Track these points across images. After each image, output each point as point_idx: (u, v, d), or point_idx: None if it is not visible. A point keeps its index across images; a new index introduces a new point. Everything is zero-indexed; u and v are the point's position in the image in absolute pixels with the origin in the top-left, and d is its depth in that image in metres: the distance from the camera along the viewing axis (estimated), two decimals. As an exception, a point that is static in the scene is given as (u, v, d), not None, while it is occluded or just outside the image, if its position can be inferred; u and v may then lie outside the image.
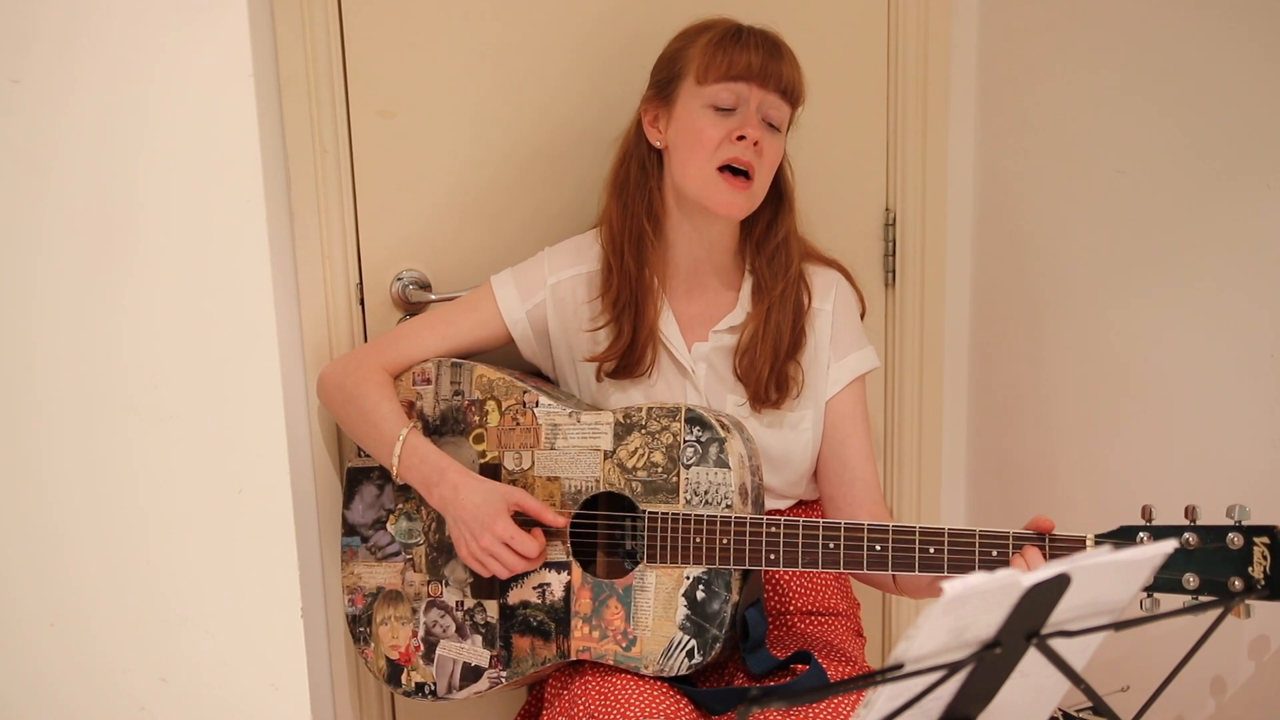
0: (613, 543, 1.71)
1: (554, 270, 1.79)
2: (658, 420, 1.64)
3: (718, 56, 1.67)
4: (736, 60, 1.66)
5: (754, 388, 1.74)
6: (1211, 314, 1.79)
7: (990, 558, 1.52)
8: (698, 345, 1.77)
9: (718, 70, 1.67)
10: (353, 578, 1.80)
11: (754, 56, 1.66)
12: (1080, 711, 1.82)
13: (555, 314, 1.78)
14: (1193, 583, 1.45)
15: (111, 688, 1.57)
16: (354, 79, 1.84)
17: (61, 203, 1.47)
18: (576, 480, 1.67)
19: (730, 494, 1.60)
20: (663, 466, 1.63)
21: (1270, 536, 1.43)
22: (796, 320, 1.75)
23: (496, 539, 1.63)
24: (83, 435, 1.51)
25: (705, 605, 1.61)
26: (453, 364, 1.75)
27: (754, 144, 1.66)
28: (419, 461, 1.69)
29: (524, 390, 1.71)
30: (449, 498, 1.66)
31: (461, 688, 1.74)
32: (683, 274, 1.78)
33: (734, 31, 1.70)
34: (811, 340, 1.77)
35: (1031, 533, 1.51)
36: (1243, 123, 1.72)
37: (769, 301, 1.74)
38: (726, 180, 1.67)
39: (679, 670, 1.61)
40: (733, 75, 1.66)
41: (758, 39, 1.69)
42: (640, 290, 1.74)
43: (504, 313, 1.78)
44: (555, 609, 1.67)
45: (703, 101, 1.67)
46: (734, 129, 1.66)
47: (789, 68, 1.69)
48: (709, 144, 1.66)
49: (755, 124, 1.67)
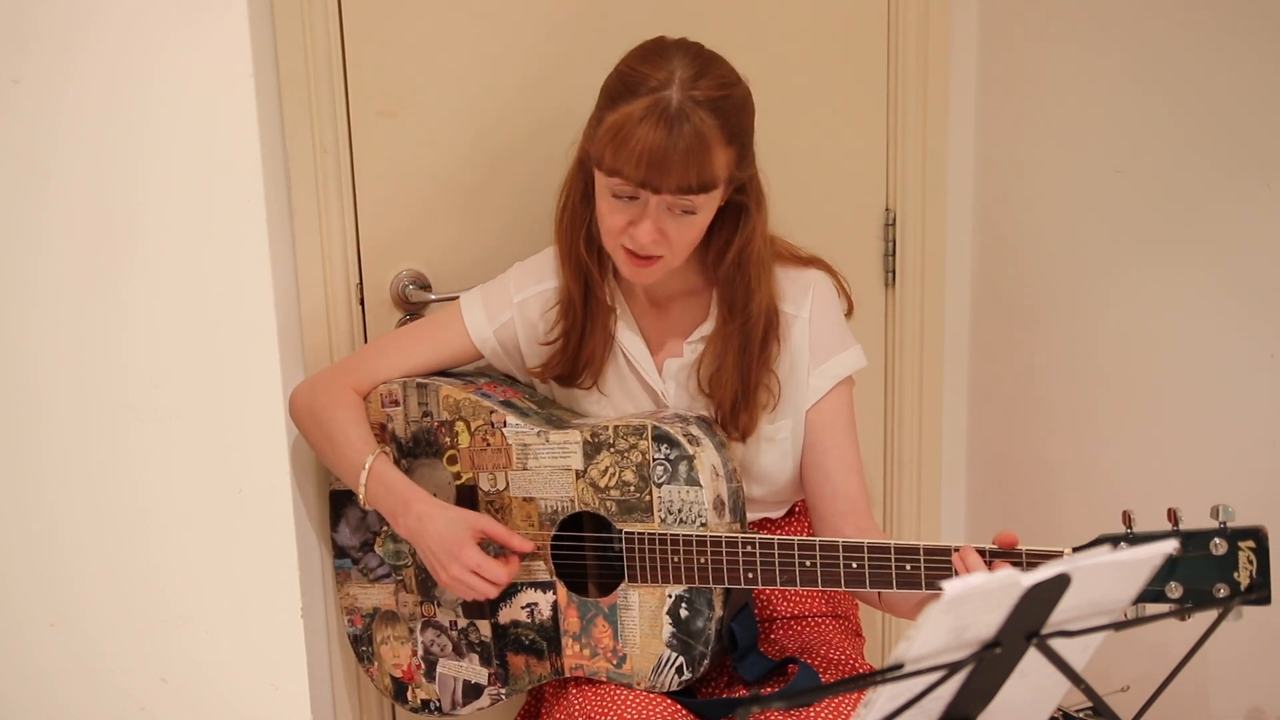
0: (598, 561, 1.70)
1: (520, 289, 1.76)
2: (625, 439, 1.61)
3: (607, 152, 1.53)
4: (623, 166, 1.52)
5: (725, 421, 1.69)
6: (1211, 314, 1.79)
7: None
8: (669, 362, 1.73)
9: (608, 166, 1.54)
10: (349, 599, 1.79)
11: (639, 170, 1.51)
12: (1080, 711, 1.82)
13: (524, 331, 1.75)
14: (1176, 591, 1.41)
15: (111, 688, 1.57)
16: (354, 79, 1.84)
17: (61, 203, 1.47)
18: (552, 500, 1.65)
19: (704, 511, 1.58)
20: (635, 485, 1.60)
21: (1255, 539, 1.38)
22: (765, 340, 1.67)
23: (464, 568, 1.61)
24: (83, 435, 1.51)
25: (690, 623, 1.60)
26: (418, 385, 1.72)
27: (652, 241, 1.56)
28: (384, 492, 1.66)
29: (490, 410, 1.68)
30: (415, 528, 1.63)
31: (465, 704, 1.74)
32: (649, 295, 1.73)
33: (626, 128, 1.52)
34: (787, 350, 1.71)
35: (1006, 550, 1.46)
36: (1242, 122, 1.72)
37: (728, 330, 1.66)
38: (631, 259, 1.60)
39: (671, 686, 1.61)
40: (623, 178, 1.53)
41: (648, 143, 1.51)
42: (588, 314, 1.70)
43: (472, 333, 1.76)
44: (545, 628, 1.67)
45: (604, 183, 1.58)
46: (632, 219, 1.57)
47: (683, 175, 1.51)
48: (612, 229, 1.59)
49: (650, 230, 1.55)
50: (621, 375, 1.74)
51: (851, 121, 2.12)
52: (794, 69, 2.07)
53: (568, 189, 1.70)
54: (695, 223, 1.59)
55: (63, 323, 1.49)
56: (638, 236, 1.56)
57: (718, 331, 1.68)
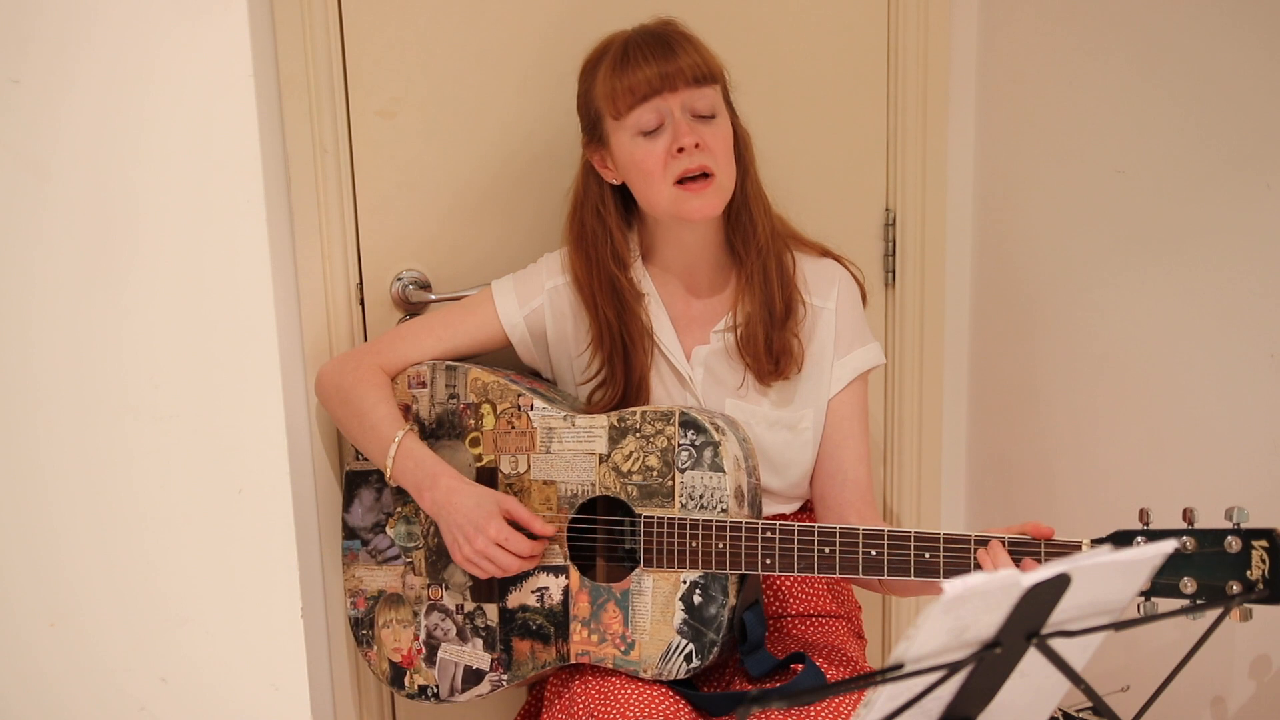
0: (611, 546, 1.71)
1: (551, 275, 1.79)
2: (652, 424, 1.63)
3: (617, 86, 1.64)
4: (635, 82, 1.63)
5: (754, 362, 1.72)
6: (1211, 314, 1.79)
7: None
8: (697, 349, 1.76)
9: (624, 100, 1.64)
10: (354, 581, 1.80)
11: (648, 70, 1.63)
12: (1080, 711, 1.82)
13: (553, 319, 1.78)
14: (1190, 587, 1.44)
15: (111, 688, 1.57)
16: (354, 79, 1.84)
17: (61, 203, 1.47)
18: (572, 484, 1.67)
19: (725, 497, 1.59)
20: (658, 470, 1.62)
21: (1269, 539, 1.41)
22: (784, 281, 1.73)
23: (490, 541, 1.63)
24: (82, 435, 1.51)
25: (702, 609, 1.61)
26: (447, 367, 1.75)
27: (695, 146, 1.63)
28: (413, 465, 1.68)
29: (518, 394, 1.70)
30: (441, 502, 1.66)
31: (463, 690, 1.74)
32: (680, 279, 1.77)
33: (620, 53, 1.67)
34: (814, 340, 1.76)
35: (1026, 537, 1.50)
36: (1243, 122, 1.72)
37: (749, 269, 1.72)
38: (689, 189, 1.65)
39: (678, 674, 1.61)
40: (640, 98, 1.64)
41: (644, 48, 1.65)
42: (628, 338, 1.73)
43: (502, 317, 1.78)
44: (553, 613, 1.67)
45: (629, 133, 1.66)
46: (669, 145, 1.64)
47: (687, 57, 1.65)
48: (655, 170, 1.64)
49: (686, 130, 1.64)
50: (654, 361, 1.77)
51: (851, 121, 2.13)
52: (794, 69, 2.07)
53: (576, 215, 1.75)
54: (720, 126, 1.67)
55: (62, 323, 1.49)
56: (680, 139, 1.63)
57: (738, 287, 1.74)
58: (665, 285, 1.77)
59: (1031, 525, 1.51)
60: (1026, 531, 1.51)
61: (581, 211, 1.74)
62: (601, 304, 1.72)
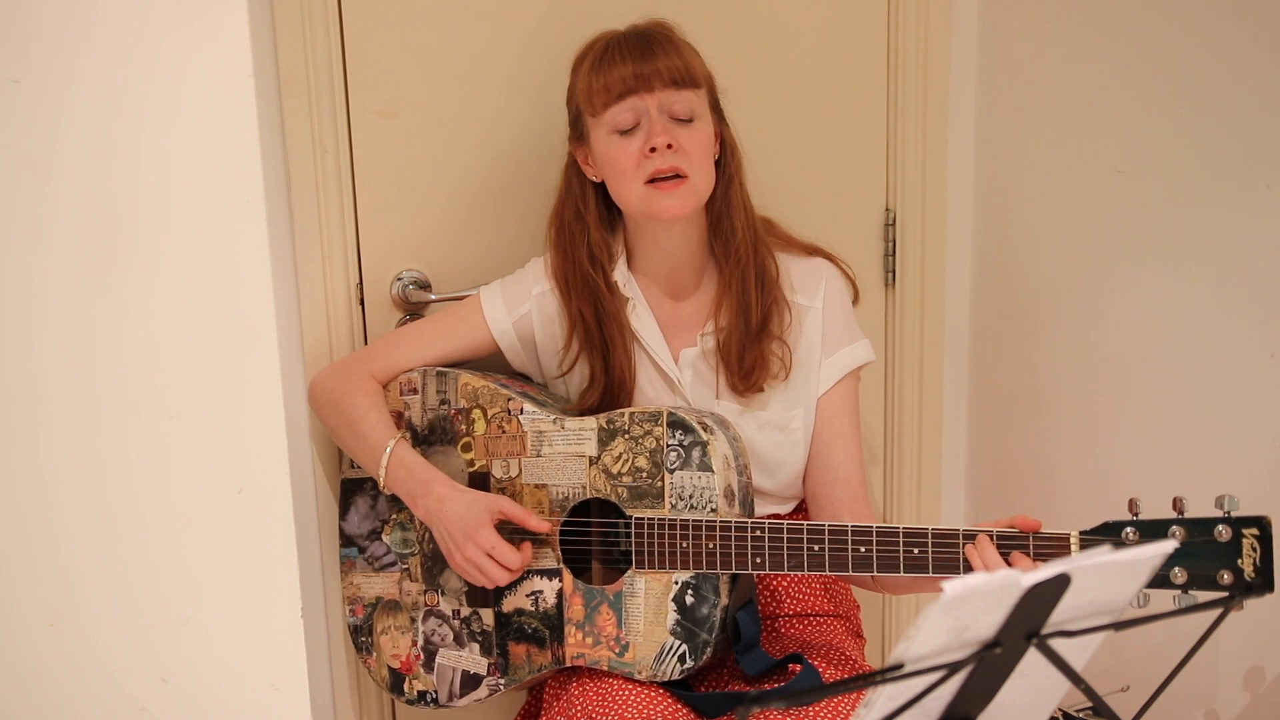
0: (604, 548, 1.71)
1: (539, 280, 1.79)
2: (640, 425, 1.63)
3: (594, 84, 1.65)
4: (611, 81, 1.64)
5: (727, 372, 1.72)
6: (1211, 314, 1.79)
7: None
8: (685, 352, 1.76)
9: (600, 98, 1.65)
10: (352, 588, 1.80)
11: (625, 69, 1.63)
12: (1080, 711, 1.82)
13: (541, 324, 1.78)
14: (1181, 577, 1.42)
15: (111, 688, 1.57)
16: (354, 79, 1.84)
17: (61, 203, 1.47)
18: (564, 487, 1.67)
19: (715, 497, 1.59)
20: (647, 471, 1.62)
21: (1259, 528, 1.39)
22: (764, 291, 1.72)
23: (479, 550, 1.63)
24: (83, 435, 1.51)
25: (694, 610, 1.60)
26: (438, 373, 1.75)
27: (667, 147, 1.63)
28: (405, 474, 1.69)
29: (508, 398, 1.70)
30: (434, 509, 1.66)
31: (462, 695, 1.74)
32: (663, 282, 1.76)
33: (602, 50, 1.67)
34: (803, 339, 1.75)
35: (1015, 531, 1.49)
36: (1242, 122, 1.72)
37: (728, 277, 1.71)
38: (660, 189, 1.64)
39: (672, 675, 1.61)
40: (615, 96, 1.64)
41: (625, 47, 1.65)
42: (605, 337, 1.73)
43: (491, 324, 1.78)
44: (549, 616, 1.67)
45: (606, 130, 1.66)
46: (643, 145, 1.63)
47: (666, 59, 1.64)
48: (629, 169, 1.64)
49: (659, 130, 1.63)
50: (642, 365, 1.76)
51: (851, 121, 2.13)
52: (794, 69, 2.07)
53: (558, 212, 1.75)
54: (698, 130, 1.66)
55: (62, 323, 1.49)
56: (652, 139, 1.63)
57: (722, 288, 1.73)
58: (650, 289, 1.76)
59: (1020, 518, 1.50)
60: (1015, 524, 1.50)
61: (562, 208, 1.75)
62: (577, 301, 1.72)
